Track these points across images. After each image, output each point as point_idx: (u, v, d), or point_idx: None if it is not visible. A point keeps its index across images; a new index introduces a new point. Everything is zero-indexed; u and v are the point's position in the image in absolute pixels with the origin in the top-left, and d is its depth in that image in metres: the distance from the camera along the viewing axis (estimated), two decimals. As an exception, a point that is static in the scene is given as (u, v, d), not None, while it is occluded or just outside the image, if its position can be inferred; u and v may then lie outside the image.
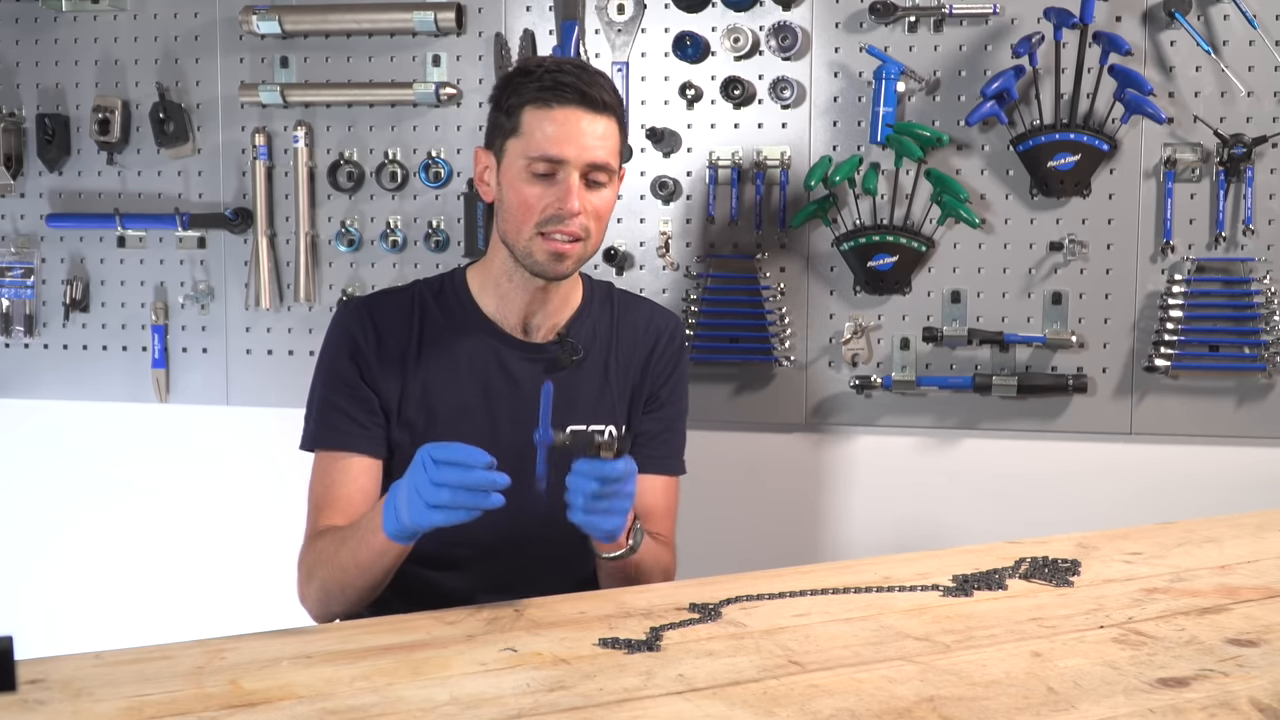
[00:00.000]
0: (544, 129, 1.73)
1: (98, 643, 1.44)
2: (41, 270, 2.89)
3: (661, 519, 1.91)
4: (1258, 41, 2.46)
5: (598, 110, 1.75)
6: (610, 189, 1.79)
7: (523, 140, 1.75)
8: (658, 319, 1.96)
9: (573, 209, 1.73)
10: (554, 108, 1.73)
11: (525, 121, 1.75)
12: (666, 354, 1.94)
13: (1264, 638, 1.44)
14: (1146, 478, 2.56)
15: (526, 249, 1.77)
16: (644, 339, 1.93)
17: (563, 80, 1.74)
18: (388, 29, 2.72)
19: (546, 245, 1.75)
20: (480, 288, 1.87)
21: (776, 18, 2.59)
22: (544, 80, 1.74)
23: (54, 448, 2.93)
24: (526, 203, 1.75)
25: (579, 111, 1.74)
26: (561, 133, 1.73)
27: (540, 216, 1.75)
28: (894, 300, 2.62)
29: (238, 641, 1.45)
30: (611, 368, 1.90)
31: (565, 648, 1.42)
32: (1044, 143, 2.50)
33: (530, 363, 1.85)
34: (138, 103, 2.82)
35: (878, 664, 1.36)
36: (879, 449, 2.66)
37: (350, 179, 2.75)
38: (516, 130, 1.76)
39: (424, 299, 1.87)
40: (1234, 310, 2.51)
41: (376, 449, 1.82)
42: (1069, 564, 1.74)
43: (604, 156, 1.76)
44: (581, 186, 1.75)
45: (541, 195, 1.74)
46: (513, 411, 1.83)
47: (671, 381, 1.95)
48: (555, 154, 1.73)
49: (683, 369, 1.98)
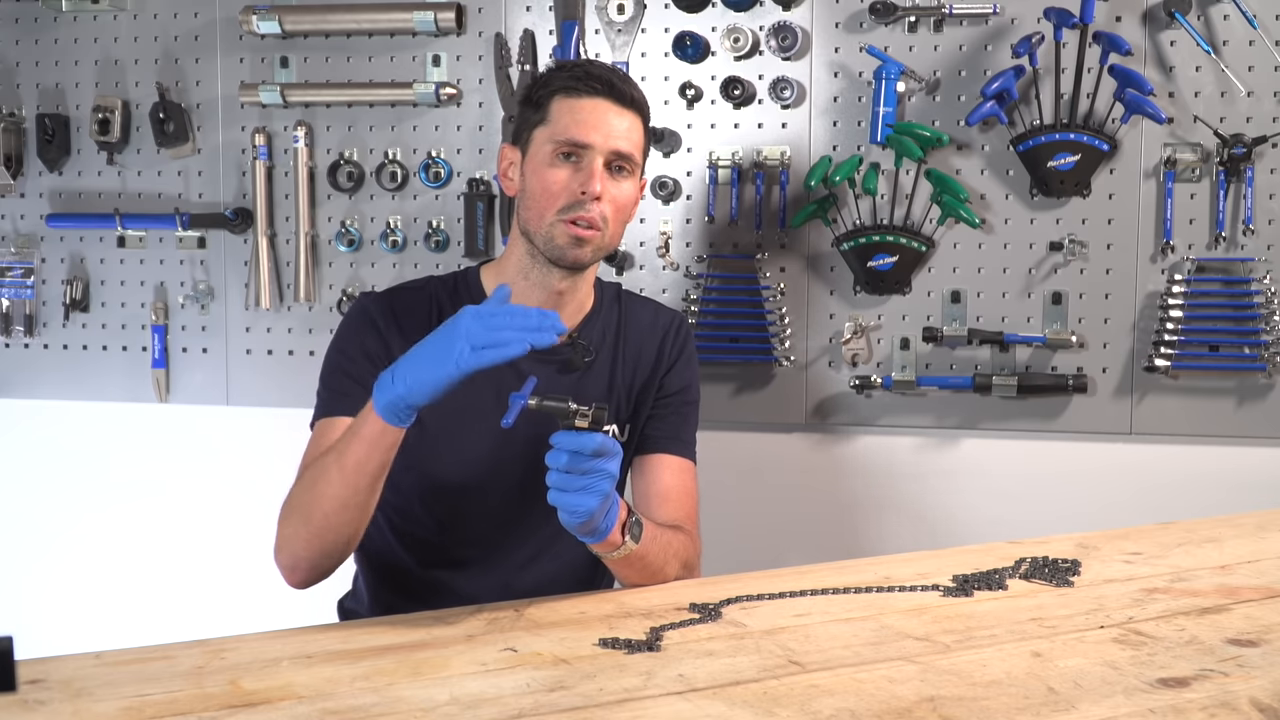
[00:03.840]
0: (572, 114, 1.77)
1: (98, 643, 1.44)
2: (41, 270, 2.89)
3: (679, 501, 1.88)
4: (1258, 41, 2.46)
5: (625, 104, 1.79)
6: (632, 182, 1.81)
7: (550, 127, 1.79)
8: (662, 317, 1.97)
9: (595, 191, 1.75)
10: (583, 96, 1.78)
11: (554, 109, 1.79)
12: (673, 347, 1.95)
13: (1264, 638, 1.44)
14: (1146, 478, 2.56)
15: (548, 234, 1.78)
16: (650, 338, 1.94)
17: (594, 72, 1.80)
18: (388, 29, 2.72)
19: (568, 230, 1.76)
20: (495, 287, 1.86)
21: (776, 18, 2.59)
22: (575, 71, 1.80)
23: (54, 448, 2.93)
24: (550, 188, 1.77)
25: (606, 102, 1.78)
26: (589, 119, 1.77)
27: (564, 201, 1.76)
28: (894, 300, 2.62)
29: (238, 641, 1.45)
30: (618, 369, 1.90)
31: (565, 648, 1.42)
32: (1044, 143, 2.50)
33: (542, 364, 1.84)
34: (138, 103, 2.82)
35: (878, 664, 1.36)
36: (879, 449, 2.66)
37: (350, 179, 2.75)
38: (545, 119, 1.80)
39: (439, 296, 1.87)
40: (1234, 310, 2.51)
41: None
42: (1069, 564, 1.75)
43: (628, 147, 1.78)
44: (605, 174, 1.77)
45: (566, 179, 1.77)
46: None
47: (677, 369, 1.95)
48: (581, 138, 1.76)
49: (689, 357, 1.97)
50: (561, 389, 1.79)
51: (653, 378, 1.93)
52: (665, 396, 1.93)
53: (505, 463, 1.81)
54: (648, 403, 1.92)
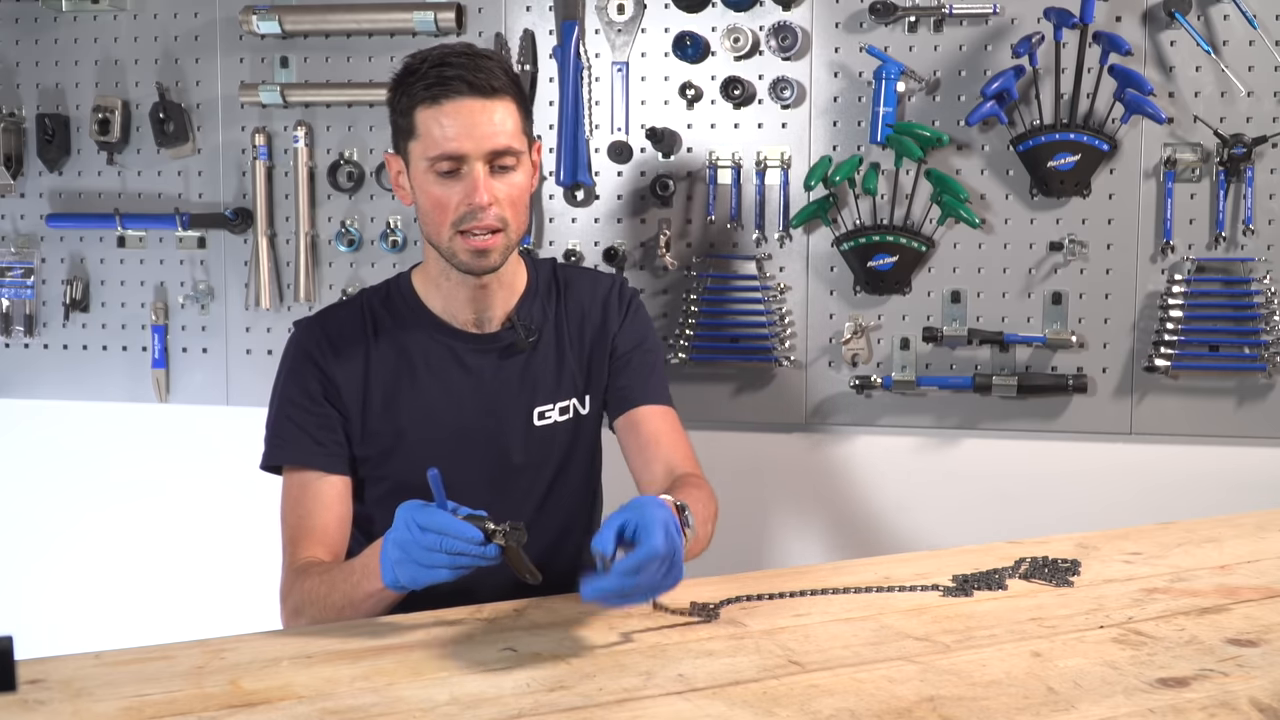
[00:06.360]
0: (439, 126, 1.71)
1: (98, 643, 1.44)
2: (41, 270, 2.89)
3: (672, 443, 1.88)
4: (1258, 41, 2.46)
5: (489, 95, 1.71)
6: (520, 171, 1.76)
7: (421, 142, 1.73)
8: (601, 283, 1.96)
9: (482, 202, 1.71)
10: (444, 103, 1.70)
11: (419, 122, 1.73)
12: (618, 309, 1.94)
13: (1264, 638, 1.44)
14: (1146, 478, 2.56)
15: (450, 249, 1.76)
16: (592, 306, 1.93)
17: (447, 74, 1.71)
18: (388, 29, 2.71)
19: (467, 244, 1.74)
20: (425, 289, 1.86)
21: (776, 18, 2.59)
22: (429, 77, 1.71)
23: (54, 448, 2.93)
24: (438, 204, 1.73)
25: (470, 101, 1.70)
26: (456, 127, 1.70)
27: (455, 215, 1.73)
28: (894, 300, 2.62)
29: (238, 641, 1.45)
30: (566, 344, 1.90)
31: (565, 648, 1.42)
32: (1044, 143, 2.50)
33: (485, 353, 1.84)
34: (138, 103, 2.82)
35: (878, 664, 1.36)
36: (879, 449, 2.66)
37: (350, 179, 2.75)
38: (413, 132, 1.74)
39: (373, 306, 1.86)
40: (1234, 310, 2.51)
41: (341, 466, 1.80)
42: (1069, 564, 1.75)
43: (504, 141, 1.72)
44: (488, 176, 1.72)
45: (450, 194, 1.72)
46: (478, 404, 1.83)
47: (626, 328, 1.93)
48: (454, 150, 1.70)
49: (634, 313, 1.95)
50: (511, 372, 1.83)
51: (602, 342, 1.92)
52: (623, 354, 1.92)
53: (476, 455, 1.83)
54: (604, 368, 1.92)
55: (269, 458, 1.83)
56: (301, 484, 1.79)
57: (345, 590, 1.61)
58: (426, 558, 1.44)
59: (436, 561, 1.44)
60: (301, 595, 1.67)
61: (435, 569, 1.45)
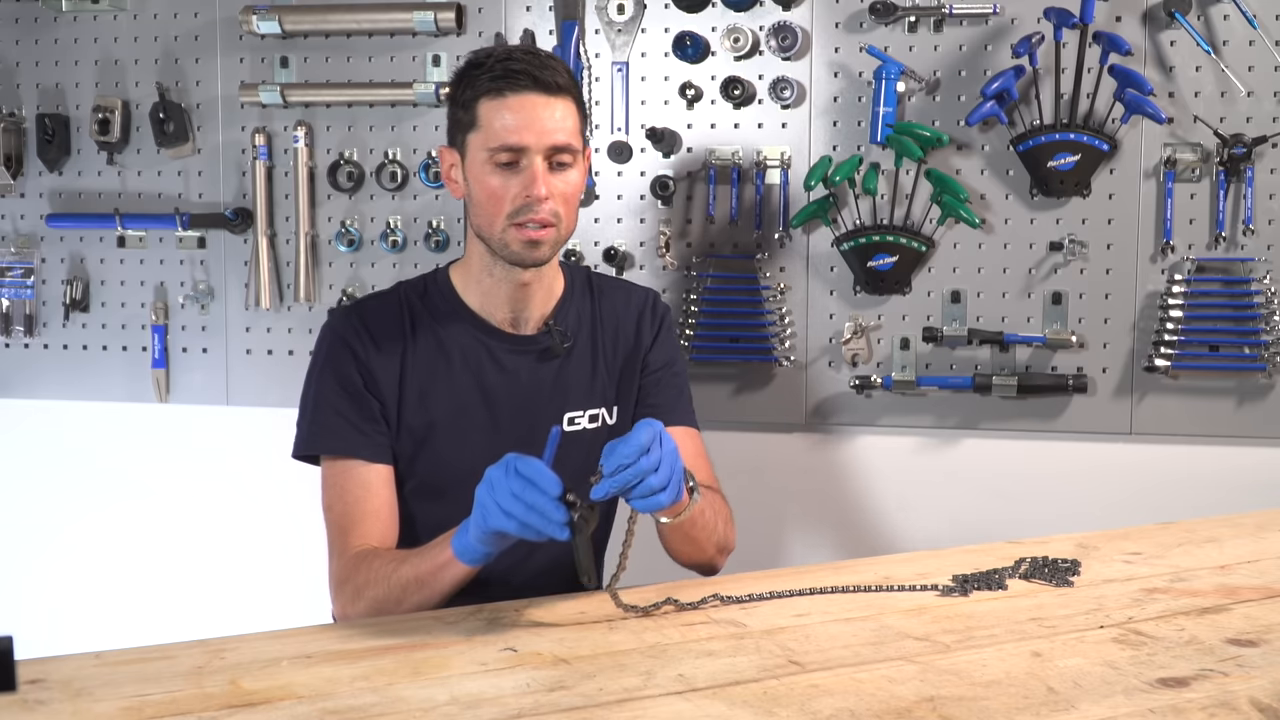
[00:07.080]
0: (501, 118, 1.73)
1: (98, 643, 1.44)
2: (41, 270, 2.89)
3: (695, 466, 1.86)
4: (1258, 41, 2.46)
5: (552, 93, 1.74)
6: (576, 170, 1.78)
7: (482, 133, 1.75)
8: (636, 297, 1.97)
9: (540, 194, 1.73)
10: (508, 96, 1.73)
11: (482, 114, 1.74)
12: (650, 323, 1.95)
13: (1264, 638, 1.44)
14: (1146, 478, 2.56)
15: (501, 240, 1.77)
16: (626, 319, 1.94)
17: (514, 68, 1.73)
18: (388, 29, 2.71)
19: (520, 235, 1.75)
20: (464, 285, 1.86)
21: (776, 18, 2.59)
22: (495, 70, 1.74)
23: (54, 448, 2.93)
24: (494, 195, 1.75)
25: (534, 96, 1.73)
26: (519, 120, 1.72)
27: (510, 207, 1.74)
28: (894, 300, 2.62)
29: (238, 641, 1.45)
30: (599, 352, 1.91)
31: (565, 648, 1.42)
32: (1044, 143, 2.50)
33: (521, 354, 1.85)
34: (138, 103, 2.82)
35: (878, 664, 1.36)
36: (879, 449, 2.66)
37: (350, 179, 2.75)
38: (475, 124, 1.75)
39: (410, 300, 1.87)
40: (1234, 310, 2.51)
41: (385, 455, 1.81)
42: (1069, 564, 1.74)
43: (564, 138, 1.74)
44: (546, 171, 1.74)
45: (508, 185, 1.74)
46: (512, 404, 1.84)
47: (658, 345, 1.95)
48: (515, 142, 1.72)
49: (667, 332, 1.98)
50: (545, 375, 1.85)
51: (635, 357, 1.93)
52: (653, 373, 1.94)
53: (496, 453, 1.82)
54: (634, 382, 1.93)
55: (307, 446, 1.82)
56: (345, 471, 1.78)
57: (414, 563, 1.61)
58: (507, 501, 1.45)
59: (512, 509, 1.45)
60: (367, 575, 1.66)
61: (508, 517, 1.46)
